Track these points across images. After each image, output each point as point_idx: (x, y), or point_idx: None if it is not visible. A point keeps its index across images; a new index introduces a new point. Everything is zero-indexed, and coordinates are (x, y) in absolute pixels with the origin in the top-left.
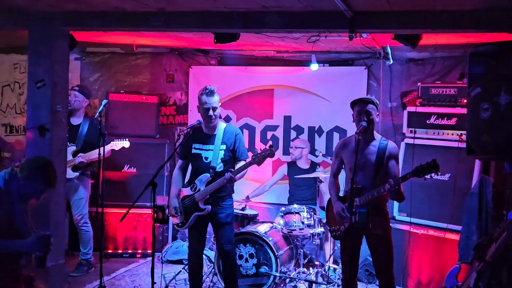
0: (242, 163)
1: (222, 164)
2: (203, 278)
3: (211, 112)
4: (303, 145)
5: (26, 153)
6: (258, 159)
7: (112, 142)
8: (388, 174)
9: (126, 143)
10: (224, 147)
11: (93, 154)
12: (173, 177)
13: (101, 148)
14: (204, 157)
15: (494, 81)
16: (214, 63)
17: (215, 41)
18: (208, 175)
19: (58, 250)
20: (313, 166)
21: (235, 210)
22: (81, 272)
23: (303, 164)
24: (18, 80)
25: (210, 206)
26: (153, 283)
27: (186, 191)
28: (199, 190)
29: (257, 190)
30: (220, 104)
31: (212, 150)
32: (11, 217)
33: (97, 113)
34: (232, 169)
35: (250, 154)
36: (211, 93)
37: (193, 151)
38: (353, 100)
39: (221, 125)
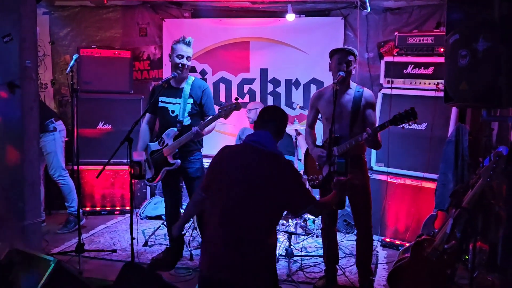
0: (210, 118)
1: (189, 118)
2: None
3: (184, 61)
4: (256, 106)
5: None
6: (225, 112)
7: None
8: (365, 122)
9: None
10: (191, 100)
11: None
12: (140, 132)
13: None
14: (170, 110)
15: (473, 27)
16: (188, 16)
17: None
18: (175, 129)
19: (35, 208)
20: None
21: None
22: (69, 229)
23: None
24: None
25: (179, 160)
26: (132, 238)
27: (154, 146)
28: (167, 144)
29: None
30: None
31: (179, 103)
32: None
33: (68, 68)
34: (201, 122)
35: (217, 108)
36: (189, 43)
37: (160, 104)
38: (333, 49)
39: (190, 79)
